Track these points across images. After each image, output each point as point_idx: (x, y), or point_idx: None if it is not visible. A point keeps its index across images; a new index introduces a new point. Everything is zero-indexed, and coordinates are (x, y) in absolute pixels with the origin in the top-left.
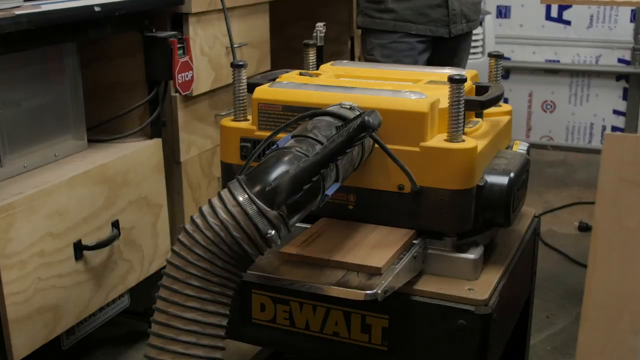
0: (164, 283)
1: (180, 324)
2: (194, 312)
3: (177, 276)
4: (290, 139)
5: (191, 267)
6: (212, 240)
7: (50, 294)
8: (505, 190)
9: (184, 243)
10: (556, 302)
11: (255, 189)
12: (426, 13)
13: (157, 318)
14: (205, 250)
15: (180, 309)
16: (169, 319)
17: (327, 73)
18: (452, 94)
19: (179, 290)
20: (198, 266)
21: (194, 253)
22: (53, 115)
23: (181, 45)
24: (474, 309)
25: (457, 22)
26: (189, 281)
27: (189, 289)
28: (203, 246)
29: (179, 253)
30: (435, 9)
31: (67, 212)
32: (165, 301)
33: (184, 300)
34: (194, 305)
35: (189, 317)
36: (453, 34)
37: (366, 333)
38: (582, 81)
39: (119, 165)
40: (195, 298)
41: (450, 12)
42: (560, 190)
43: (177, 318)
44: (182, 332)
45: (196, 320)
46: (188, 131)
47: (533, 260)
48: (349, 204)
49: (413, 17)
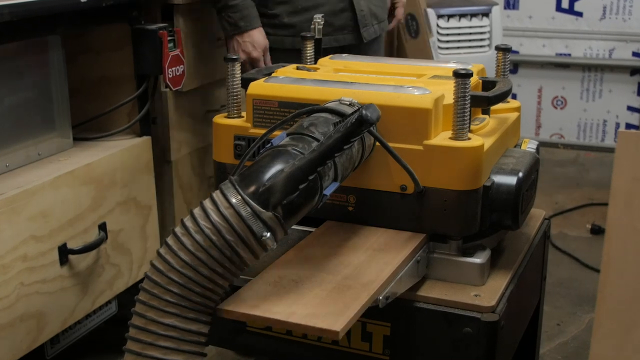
0: (144, 286)
1: (159, 329)
2: (173, 318)
3: (158, 280)
4: (285, 137)
5: (173, 272)
6: (201, 245)
7: (33, 300)
8: (514, 191)
9: (171, 247)
10: (567, 309)
11: (249, 190)
12: (329, 21)
13: (135, 322)
14: (191, 256)
15: (159, 314)
16: (147, 323)
17: (326, 67)
18: (458, 90)
19: (158, 295)
20: (181, 273)
21: (179, 258)
22: (37, 112)
23: (172, 38)
24: (480, 316)
25: (368, 24)
26: (169, 287)
27: (169, 294)
28: (190, 252)
29: (164, 257)
30: (339, 14)
31: (51, 214)
32: (144, 305)
33: (163, 306)
34: (173, 311)
35: (168, 323)
36: (366, 39)
37: (367, 341)
38: (594, 76)
39: (106, 164)
40: (175, 304)
41: (359, 15)
42: (571, 191)
43: (155, 323)
44: (161, 337)
45: (175, 326)
46: (179, 128)
47: (543, 264)
48: (349, 205)
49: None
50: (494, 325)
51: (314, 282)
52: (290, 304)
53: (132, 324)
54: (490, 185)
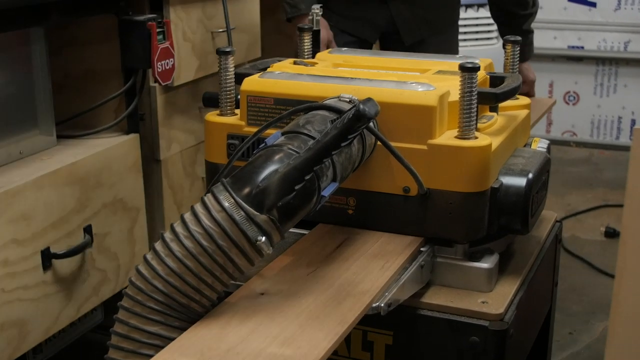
0: (127, 292)
1: (142, 337)
2: (158, 326)
3: (142, 287)
4: (280, 137)
5: (158, 280)
6: (190, 252)
7: (15, 307)
8: (523, 192)
9: (158, 252)
10: (580, 316)
11: (242, 192)
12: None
13: (118, 329)
14: (179, 264)
15: (143, 321)
16: (130, 330)
17: (324, 62)
18: (464, 86)
19: (142, 302)
20: (166, 281)
21: (165, 265)
22: (18, 109)
23: (161, 30)
24: (488, 324)
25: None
26: (153, 295)
27: (152, 302)
28: (178, 259)
29: (150, 262)
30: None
31: (33, 216)
32: (128, 311)
33: (147, 313)
34: (157, 318)
35: (152, 331)
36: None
37: (368, 351)
38: (608, 70)
39: (91, 163)
40: (159, 312)
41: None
42: (584, 191)
43: (138, 330)
44: (144, 345)
45: (159, 335)
46: (169, 126)
47: (554, 269)
48: (349, 209)
49: None
50: (503, 334)
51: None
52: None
53: (114, 331)
54: (499, 187)
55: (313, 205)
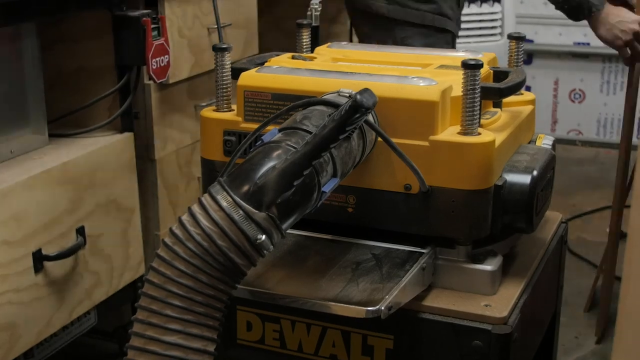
0: (141, 304)
1: (160, 348)
2: (176, 335)
3: (156, 295)
4: (277, 133)
5: (172, 284)
6: (195, 252)
7: (5, 310)
8: (528, 190)
9: (163, 258)
10: (586, 320)
11: (240, 191)
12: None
13: (134, 343)
14: (187, 264)
15: (160, 332)
16: (147, 343)
17: (323, 56)
18: (467, 81)
19: (158, 311)
20: (180, 283)
21: (175, 268)
22: (9, 107)
23: (156, 26)
24: (491, 328)
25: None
26: (169, 300)
27: (170, 309)
28: (185, 259)
29: (158, 269)
30: None
31: (25, 217)
32: (142, 323)
33: (164, 322)
34: (175, 327)
35: (170, 341)
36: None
37: (368, 355)
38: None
39: (84, 163)
40: (177, 319)
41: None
42: (590, 191)
43: (155, 342)
44: (162, 357)
45: (178, 345)
46: (164, 124)
47: (559, 272)
48: (349, 207)
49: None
50: (506, 338)
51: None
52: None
53: (130, 345)
54: (502, 185)
55: (314, 202)
